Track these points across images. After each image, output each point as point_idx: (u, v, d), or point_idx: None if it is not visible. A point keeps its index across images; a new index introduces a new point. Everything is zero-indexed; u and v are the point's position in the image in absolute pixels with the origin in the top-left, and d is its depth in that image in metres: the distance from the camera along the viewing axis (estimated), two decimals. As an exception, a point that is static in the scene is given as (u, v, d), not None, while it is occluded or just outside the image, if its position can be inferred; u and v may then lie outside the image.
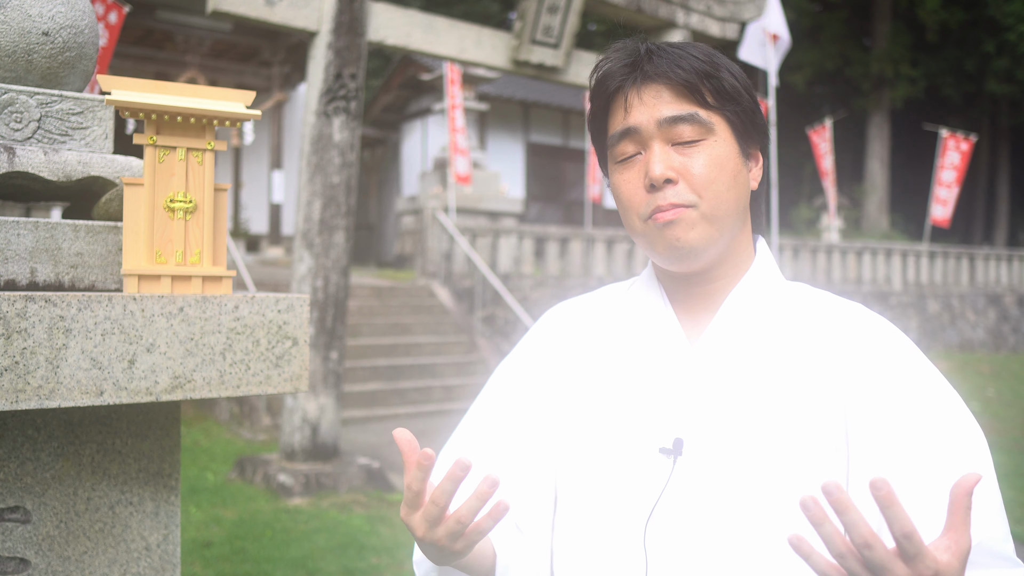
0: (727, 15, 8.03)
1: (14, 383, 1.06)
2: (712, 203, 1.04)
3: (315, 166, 6.10)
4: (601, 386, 1.13)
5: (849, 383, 1.04)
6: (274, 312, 1.25)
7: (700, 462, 1.04)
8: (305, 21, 5.96)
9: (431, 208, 11.55)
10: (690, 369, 1.08)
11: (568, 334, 1.21)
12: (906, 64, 22.28)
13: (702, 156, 1.05)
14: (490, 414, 1.20)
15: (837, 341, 1.08)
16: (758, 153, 1.12)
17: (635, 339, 1.14)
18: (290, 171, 15.78)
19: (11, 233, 1.25)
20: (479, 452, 1.17)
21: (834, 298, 1.14)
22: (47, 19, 1.44)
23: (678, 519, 1.03)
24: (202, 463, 6.93)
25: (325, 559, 4.79)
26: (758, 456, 1.02)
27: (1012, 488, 6.65)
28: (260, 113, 1.25)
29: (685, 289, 1.13)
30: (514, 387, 1.21)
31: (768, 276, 1.14)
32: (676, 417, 1.06)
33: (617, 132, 1.08)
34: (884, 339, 1.08)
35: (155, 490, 1.39)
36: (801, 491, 0.98)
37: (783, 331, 1.09)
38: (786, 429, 1.03)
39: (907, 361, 1.07)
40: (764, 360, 1.07)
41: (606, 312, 1.21)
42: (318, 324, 6.12)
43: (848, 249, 15.15)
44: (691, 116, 1.04)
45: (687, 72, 1.04)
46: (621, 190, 1.09)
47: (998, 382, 12.27)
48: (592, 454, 1.10)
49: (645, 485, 1.05)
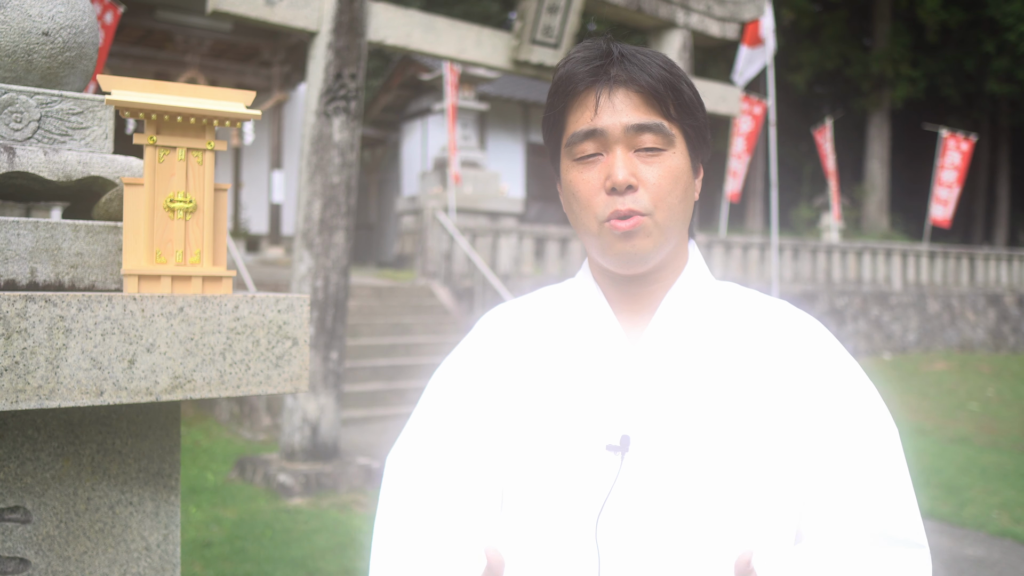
0: (727, 15, 8.02)
1: (14, 383, 1.06)
2: (666, 214, 1.09)
3: (315, 166, 6.10)
4: (543, 386, 1.16)
5: (778, 376, 1.11)
6: (274, 312, 1.25)
7: (647, 457, 1.07)
8: (305, 21, 5.96)
9: (431, 208, 11.55)
10: (633, 367, 1.12)
11: (508, 335, 1.23)
12: (906, 64, 22.28)
13: (661, 167, 1.08)
14: (433, 418, 1.21)
15: (767, 337, 1.14)
16: (701, 167, 1.17)
17: (575, 339, 1.17)
18: (290, 171, 15.77)
19: (11, 233, 1.25)
20: (425, 458, 1.18)
21: (762, 296, 1.21)
22: (47, 19, 1.44)
23: (629, 514, 1.06)
24: (202, 463, 6.93)
25: (325, 559, 4.79)
26: (703, 449, 1.07)
27: (1012, 488, 6.65)
28: (260, 113, 1.25)
29: (624, 289, 1.16)
30: (455, 390, 1.21)
31: (701, 276, 1.19)
32: (622, 414, 1.10)
33: (581, 131, 1.09)
34: (809, 335, 1.16)
35: (155, 490, 1.39)
36: (745, 482, 1.07)
37: (719, 328, 1.15)
38: (727, 422, 1.08)
39: (829, 356, 1.14)
40: (703, 356, 1.13)
41: (545, 313, 1.23)
42: (318, 324, 6.12)
43: (848, 249, 15.14)
44: (657, 126, 1.08)
45: (655, 80, 1.08)
46: (578, 188, 1.11)
47: (998, 382, 12.27)
48: (537, 453, 1.12)
49: (593, 482, 1.08)
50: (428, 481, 1.16)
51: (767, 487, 1.07)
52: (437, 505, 1.15)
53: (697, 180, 1.16)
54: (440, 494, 1.15)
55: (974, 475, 7.06)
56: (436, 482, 1.16)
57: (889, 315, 14.90)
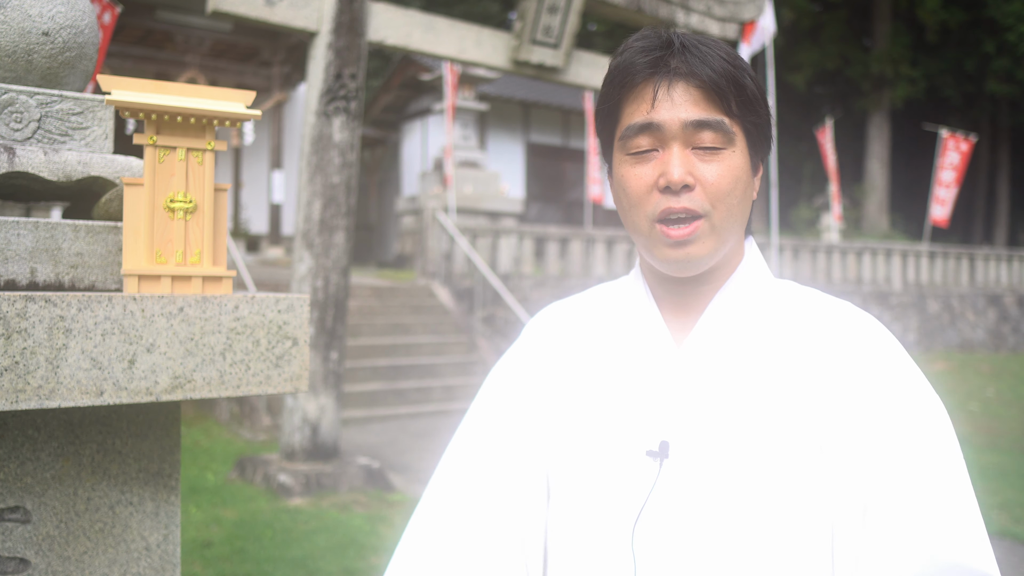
0: (727, 15, 8.03)
1: (14, 383, 1.06)
2: (723, 215, 1.03)
3: (315, 166, 6.10)
4: (589, 387, 1.13)
5: (831, 384, 1.04)
6: (274, 312, 1.25)
7: (686, 465, 1.03)
8: (305, 21, 5.96)
9: (431, 208, 11.55)
10: (676, 371, 1.08)
11: (558, 335, 1.21)
12: (906, 64, 22.28)
13: (721, 166, 1.03)
14: (485, 418, 1.20)
15: (823, 341, 1.07)
16: (761, 164, 1.12)
17: (622, 340, 1.14)
18: (290, 171, 15.77)
19: (11, 233, 1.25)
20: (477, 456, 1.17)
21: (823, 297, 1.13)
22: (47, 19, 1.44)
23: (665, 522, 1.03)
24: (202, 463, 6.93)
25: (325, 559, 4.79)
26: (744, 458, 1.02)
27: (1012, 488, 6.65)
28: (260, 113, 1.25)
29: (673, 289, 1.12)
30: (507, 389, 1.21)
31: (756, 276, 1.13)
32: (662, 419, 1.06)
33: (636, 124, 1.04)
34: (869, 339, 1.07)
35: (155, 490, 1.39)
36: (786, 493, 1.00)
37: (770, 331, 1.09)
38: (771, 430, 1.02)
39: (890, 363, 1.05)
40: (750, 361, 1.07)
41: (595, 313, 1.21)
42: (318, 324, 6.12)
43: (848, 249, 15.14)
44: (717, 123, 1.02)
45: (717, 74, 1.02)
46: (630, 184, 1.05)
47: (998, 382, 12.28)
48: (580, 456, 1.10)
49: (632, 488, 1.05)
50: (472, 479, 1.15)
51: (807, 502, 1.01)
52: (477, 501, 1.13)
53: (756, 178, 1.10)
54: (483, 492, 1.13)
55: (973, 475, 6.96)
56: (480, 481, 1.14)
57: (889, 315, 14.90)
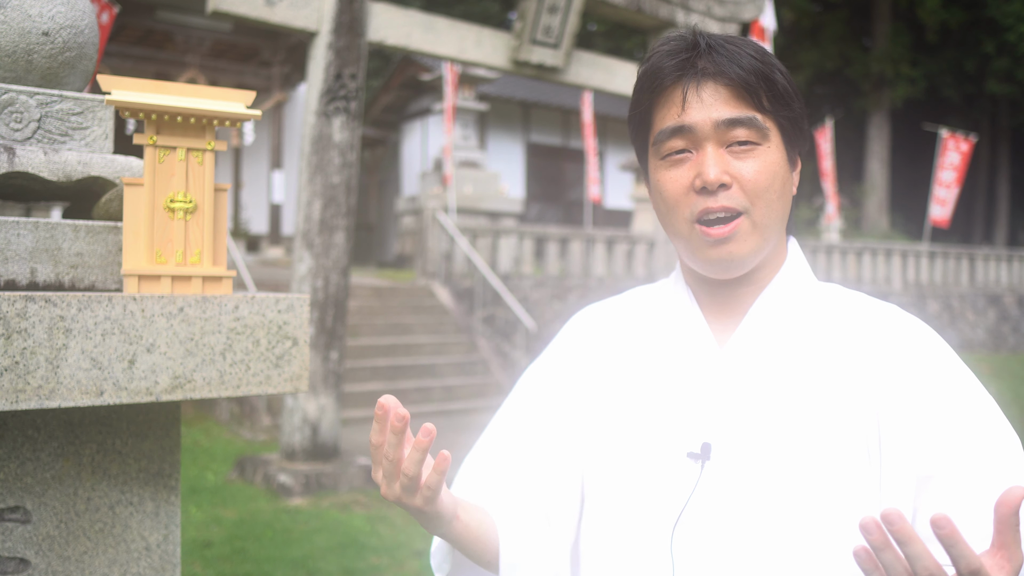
0: (727, 15, 8.03)
1: (14, 383, 1.06)
2: (763, 211, 1.03)
3: (315, 166, 6.10)
4: (629, 389, 1.12)
5: (882, 387, 1.02)
6: (274, 312, 1.25)
7: (728, 467, 1.02)
8: (305, 21, 5.96)
9: (431, 208, 11.54)
10: (718, 373, 1.07)
11: (597, 336, 1.20)
12: (906, 64, 22.28)
13: (756, 162, 1.02)
14: (519, 413, 1.19)
15: (869, 344, 1.05)
16: (798, 159, 1.11)
17: (664, 341, 1.13)
18: (290, 171, 15.77)
19: (11, 233, 1.25)
20: (508, 449, 1.16)
21: (868, 299, 1.12)
22: (47, 19, 1.44)
23: (705, 525, 1.02)
24: (202, 463, 6.93)
25: (325, 559, 4.79)
26: (787, 461, 1.00)
27: (1012, 488, 6.65)
28: (260, 113, 1.25)
29: (715, 291, 1.11)
30: (543, 387, 1.19)
31: (799, 277, 1.11)
32: (704, 421, 1.05)
33: (668, 128, 1.04)
34: (918, 342, 1.05)
35: (155, 490, 1.39)
36: (830, 497, 0.98)
37: (813, 333, 1.07)
38: (816, 434, 1.01)
39: (942, 365, 1.03)
40: (793, 363, 1.05)
41: (635, 314, 1.19)
42: (318, 324, 6.12)
43: (848, 249, 15.15)
44: (750, 120, 1.01)
45: (746, 72, 1.01)
46: (666, 188, 1.05)
47: (998, 382, 12.27)
48: (620, 457, 1.09)
49: (673, 489, 1.04)
50: (500, 473, 1.13)
51: (850, 506, 0.98)
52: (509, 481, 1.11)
53: (795, 174, 1.09)
54: (511, 486, 1.12)
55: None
56: (508, 475, 1.13)
57: (889, 315, 14.88)
